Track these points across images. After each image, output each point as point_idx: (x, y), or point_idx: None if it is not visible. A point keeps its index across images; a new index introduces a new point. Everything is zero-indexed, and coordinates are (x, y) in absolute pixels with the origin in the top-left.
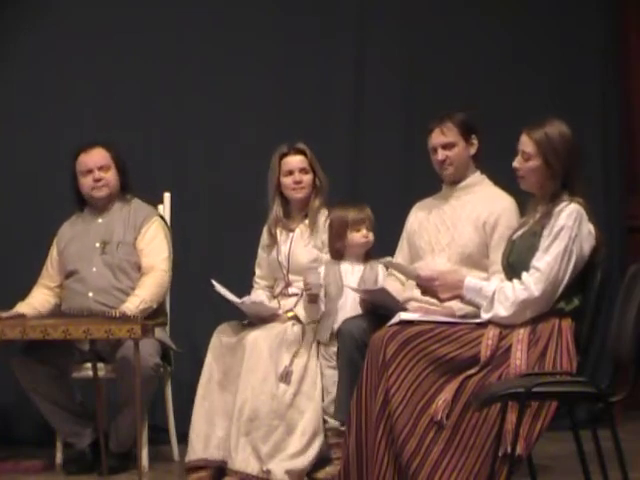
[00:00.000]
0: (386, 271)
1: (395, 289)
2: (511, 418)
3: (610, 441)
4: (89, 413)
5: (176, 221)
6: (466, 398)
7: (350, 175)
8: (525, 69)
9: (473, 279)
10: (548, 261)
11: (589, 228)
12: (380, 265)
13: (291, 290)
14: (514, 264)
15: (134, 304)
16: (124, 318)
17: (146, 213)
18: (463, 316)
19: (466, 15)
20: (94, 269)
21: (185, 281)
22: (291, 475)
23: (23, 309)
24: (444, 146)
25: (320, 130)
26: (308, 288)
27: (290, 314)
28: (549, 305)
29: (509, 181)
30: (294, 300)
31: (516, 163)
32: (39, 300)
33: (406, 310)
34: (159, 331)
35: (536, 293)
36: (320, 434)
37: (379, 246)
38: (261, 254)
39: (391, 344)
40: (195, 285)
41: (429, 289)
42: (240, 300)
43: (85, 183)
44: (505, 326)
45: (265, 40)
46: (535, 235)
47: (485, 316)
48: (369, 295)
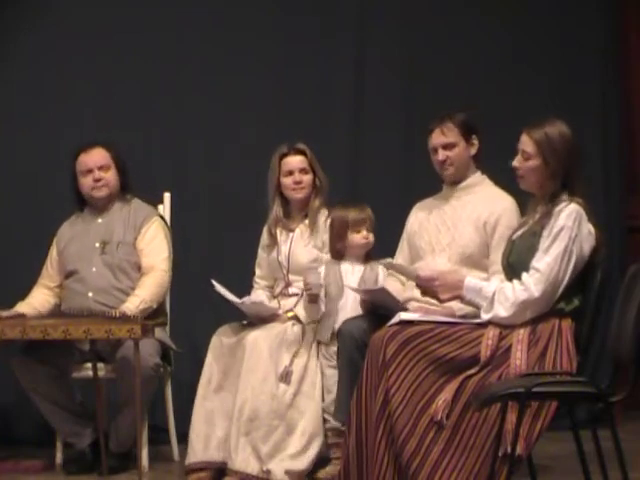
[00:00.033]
0: (386, 272)
1: (395, 289)
2: (511, 418)
3: (610, 441)
4: (89, 413)
5: (176, 221)
6: (466, 398)
7: (350, 175)
8: (525, 69)
9: (473, 279)
10: (548, 262)
11: (589, 228)
12: (380, 265)
13: (291, 290)
14: (514, 264)
15: (134, 304)
16: (124, 318)
17: (146, 213)
18: (463, 316)
19: (466, 15)
20: (94, 269)
21: (185, 281)
22: (291, 475)
23: (23, 309)
24: (444, 146)
25: (320, 130)
26: (308, 288)
27: (290, 314)
28: (549, 305)
29: (509, 181)
30: (294, 300)
31: (516, 162)
32: (39, 300)
33: (406, 310)
34: (159, 331)
35: (536, 294)
36: (320, 434)
37: (379, 246)
38: (261, 254)
39: (391, 344)
40: (195, 285)
41: (429, 289)
42: (240, 300)
43: (85, 183)
44: (505, 326)
45: (265, 40)
46: (535, 235)
47: (485, 316)
48: (369, 295)
